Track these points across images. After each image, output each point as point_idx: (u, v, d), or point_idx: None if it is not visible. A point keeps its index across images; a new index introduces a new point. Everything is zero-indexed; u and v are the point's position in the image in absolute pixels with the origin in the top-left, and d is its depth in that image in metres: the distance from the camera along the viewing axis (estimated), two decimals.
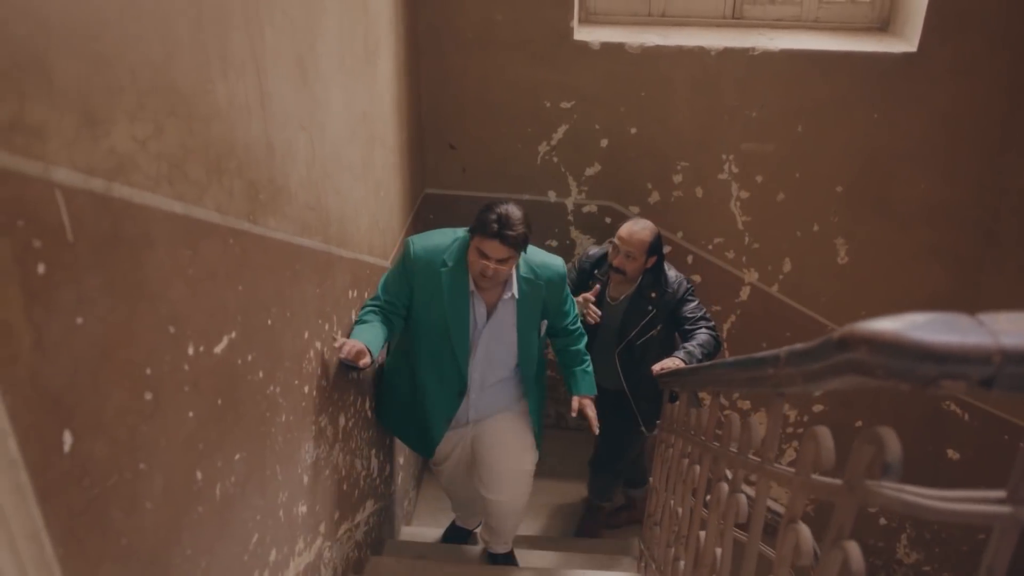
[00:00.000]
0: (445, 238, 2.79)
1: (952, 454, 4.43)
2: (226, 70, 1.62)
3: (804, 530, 1.16)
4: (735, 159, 4.07)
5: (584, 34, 3.90)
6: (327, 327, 2.46)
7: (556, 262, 2.90)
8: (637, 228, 3.36)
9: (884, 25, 4.05)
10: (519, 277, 2.80)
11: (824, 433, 1.10)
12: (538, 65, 3.90)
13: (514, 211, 2.59)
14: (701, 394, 2.93)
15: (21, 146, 1.02)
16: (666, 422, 3.08)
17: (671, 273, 3.50)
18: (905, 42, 3.82)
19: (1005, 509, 0.86)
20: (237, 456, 1.79)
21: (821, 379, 0.99)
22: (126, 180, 1.27)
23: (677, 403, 2.84)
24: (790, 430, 4.64)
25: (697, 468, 2.11)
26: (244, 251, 1.77)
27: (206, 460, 1.63)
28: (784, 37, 3.98)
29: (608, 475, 4.03)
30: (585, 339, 3.18)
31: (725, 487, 1.71)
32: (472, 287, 2.76)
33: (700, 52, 3.85)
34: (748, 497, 1.62)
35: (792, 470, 1.24)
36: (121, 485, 1.30)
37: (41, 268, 1.07)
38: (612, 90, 3.94)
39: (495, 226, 2.55)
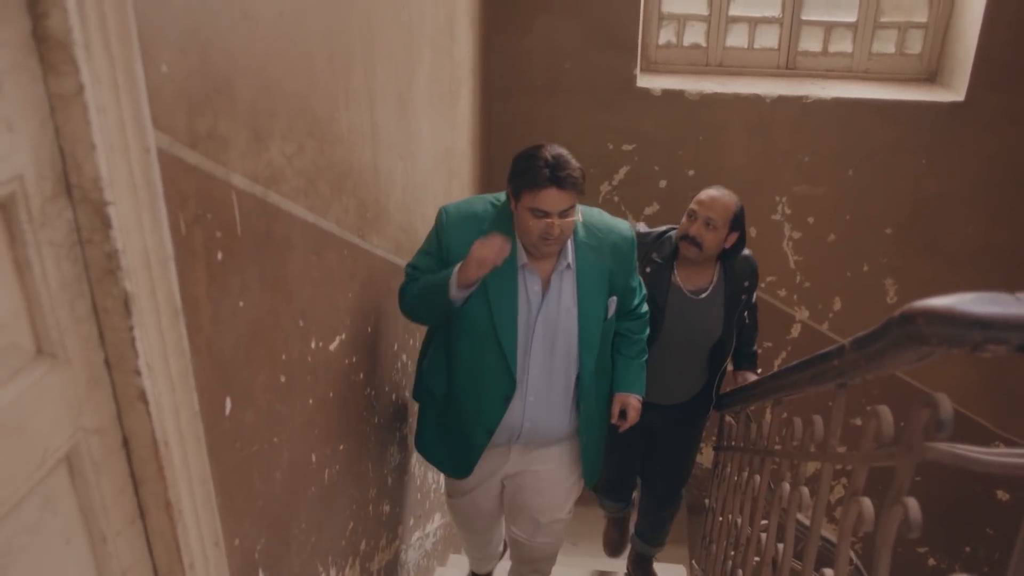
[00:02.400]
0: (481, 205, 2.27)
1: (1002, 495, 4.48)
2: (348, 101, 1.86)
3: (866, 501, 1.32)
4: (788, 201, 4.24)
5: (646, 81, 4.13)
6: (411, 342, 2.67)
7: (622, 225, 2.33)
8: (721, 193, 2.73)
9: (932, 76, 4.22)
10: (576, 241, 2.23)
11: (884, 410, 1.27)
12: (603, 110, 4.14)
13: (562, 149, 2.08)
14: (753, 408, 2.77)
15: (213, 153, 1.24)
16: (722, 442, 3.22)
17: (752, 258, 2.91)
18: (952, 92, 3.99)
19: None
20: (341, 447, 1.98)
21: (883, 356, 1.16)
22: (277, 189, 1.50)
23: (729, 420, 2.95)
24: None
25: (757, 478, 2.25)
26: (354, 262, 1.99)
27: (319, 445, 1.82)
28: (835, 86, 4.17)
29: (670, 506, 3.30)
30: (647, 329, 2.54)
31: (787, 486, 1.86)
32: (524, 259, 2.18)
33: (756, 100, 4.05)
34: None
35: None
36: (261, 453, 1.50)
37: (220, 255, 1.29)
38: (672, 134, 4.15)
39: (547, 171, 2.03)
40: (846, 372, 1.37)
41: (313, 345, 1.74)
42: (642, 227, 2.93)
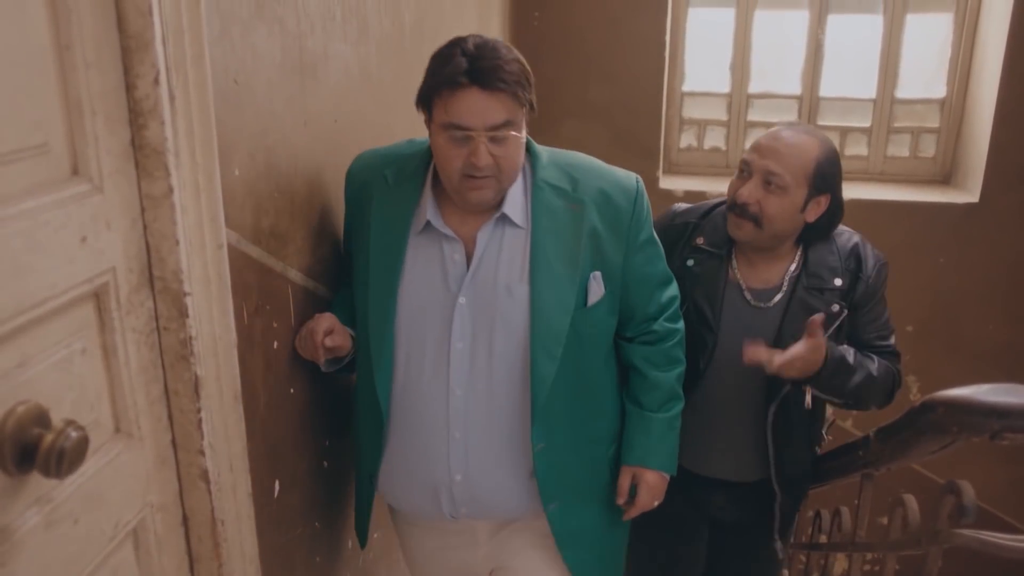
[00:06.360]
0: (403, 146, 1.56)
1: None
2: None
3: None
4: None
5: (668, 183, 4.27)
6: None
7: (620, 172, 1.56)
8: (792, 134, 1.77)
9: (946, 178, 4.33)
10: (535, 183, 1.46)
11: (910, 499, 1.31)
12: None
13: (490, 38, 1.35)
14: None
15: (274, 249, 1.34)
16: None
17: (869, 250, 1.90)
18: (967, 193, 4.09)
19: None
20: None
21: (906, 446, 1.21)
22: (324, 283, 1.59)
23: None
24: None
25: (786, 573, 2.26)
26: None
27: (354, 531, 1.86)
28: (852, 188, 4.28)
29: None
30: (682, 363, 1.63)
31: None
32: (429, 212, 1.43)
33: None
34: None
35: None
36: (304, 537, 1.55)
37: (275, 344, 1.37)
38: None
39: (464, 62, 1.30)
40: (871, 462, 1.42)
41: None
42: (681, 205, 1.97)
